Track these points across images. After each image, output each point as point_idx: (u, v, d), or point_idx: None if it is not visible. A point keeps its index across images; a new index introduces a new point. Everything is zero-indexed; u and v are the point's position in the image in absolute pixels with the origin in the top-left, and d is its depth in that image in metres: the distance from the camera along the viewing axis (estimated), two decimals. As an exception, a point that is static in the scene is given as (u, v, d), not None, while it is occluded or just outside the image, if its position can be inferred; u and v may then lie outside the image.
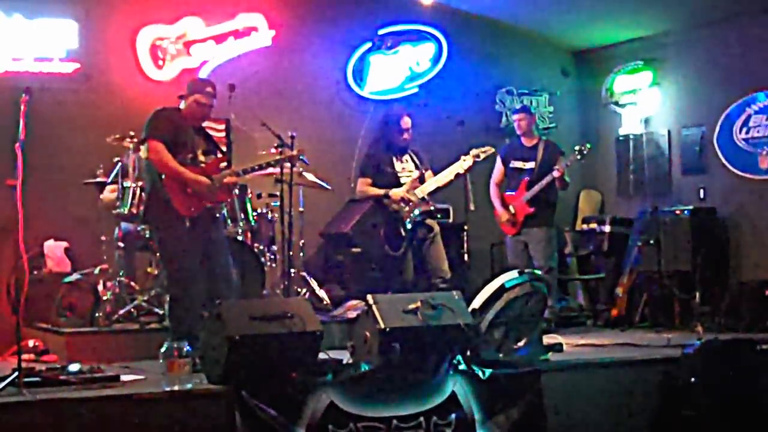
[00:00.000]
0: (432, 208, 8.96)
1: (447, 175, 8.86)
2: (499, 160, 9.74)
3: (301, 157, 8.43)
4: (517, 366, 6.80)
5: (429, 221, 8.95)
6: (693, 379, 7.09)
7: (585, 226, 11.54)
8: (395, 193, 8.84)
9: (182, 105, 7.38)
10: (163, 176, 7.13)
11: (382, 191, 8.91)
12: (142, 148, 7.34)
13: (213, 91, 7.40)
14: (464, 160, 8.81)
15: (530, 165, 9.58)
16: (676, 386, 7.16)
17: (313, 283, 9.62)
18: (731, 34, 10.87)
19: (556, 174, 9.31)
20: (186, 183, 7.12)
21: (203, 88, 7.39)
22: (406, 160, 9.03)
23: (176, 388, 6.00)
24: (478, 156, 8.83)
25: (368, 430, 6.13)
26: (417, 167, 8.99)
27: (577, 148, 9.59)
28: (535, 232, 9.44)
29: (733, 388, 7.11)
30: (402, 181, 8.93)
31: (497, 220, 9.76)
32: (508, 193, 9.68)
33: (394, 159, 9.01)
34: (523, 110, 9.83)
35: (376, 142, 9.16)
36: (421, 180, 8.91)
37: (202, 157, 7.31)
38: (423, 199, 8.84)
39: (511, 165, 9.68)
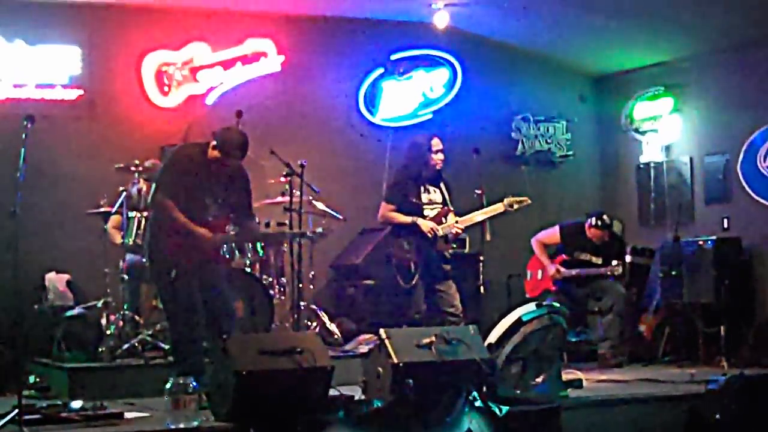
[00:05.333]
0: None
1: (484, 213, 8.65)
2: (557, 233, 9.94)
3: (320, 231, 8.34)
4: (536, 403, 6.76)
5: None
6: (718, 416, 7.03)
7: (605, 257, 11.51)
8: (425, 224, 8.51)
9: (210, 149, 7.13)
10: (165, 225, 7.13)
11: (409, 219, 8.56)
12: (151, 192, 7.28)
13: (242, 152, 7.13)
14: (502, 206, 8.66)
15: (597, 260, 9.80)
16: (700, 423, 7.10)
17: (324, 317, 9.59)
18: (754, 59, 10.87)
19: (608, 271, 9.65)
20: (188, 234, 7.08)
21: (231, 150, 7.07)
22: (435, 191, 8.72)
23: (182, 425, 5.97)
24: (511, 205, 8.75)
25: (381, 469, 6.09)
26: (444, 202, 8.68)
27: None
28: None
29: (759, 426, 7.05)
30: (425, 213, 8.63)
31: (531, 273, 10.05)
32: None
33: (422, 189, 8.68)
34: (606, 227, 9.85)
35: (406, 168, 8.77)
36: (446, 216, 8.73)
37: (211, 210, 7.22)
38: (446, 237, 8.68)
39: (575, 255, 9.83)
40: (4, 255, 6.35)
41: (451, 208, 8.65)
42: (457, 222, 8.55)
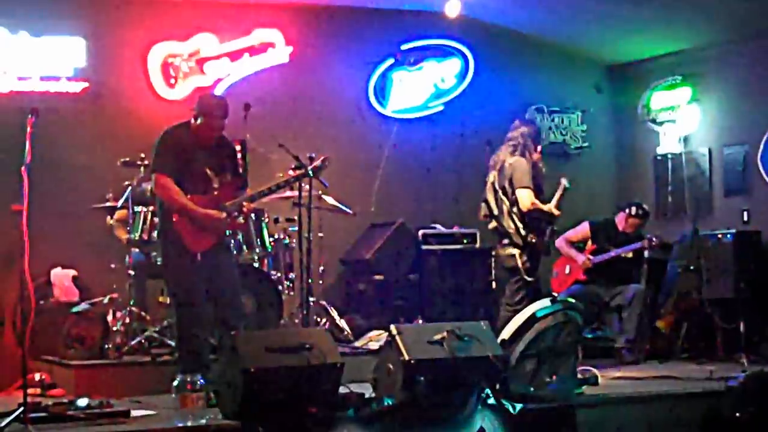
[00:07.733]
0: None
1: (559, 196, 8.67)
2: (587, 229, 10.06)
3: (321, 168, 8.24)
4: (550, 400, 6.78)
5: None
6: (738, 414, 7.04)
7: (621, 251, 11.53)
8: (556, 211, 8.54)
9: (192, 121, 7.31)
10: (173, 211, 7.15)
11: (547, 208, 8.52)
12: (150, 180, 7.35)
13: (223, 112, 7.31)
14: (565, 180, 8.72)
15: (628, 255, 9.86)
16: (719, 421, 7.11)
17: (333, 313, 9.61)
18: (775, 48, 10.86)
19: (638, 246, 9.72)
20: (197, 219, 7.15)
21: (212, 111, 7.27)
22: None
23: (189, 423, 6.01)
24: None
25: (392, 467, 6.12)
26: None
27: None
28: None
29: (780, 423, 7.06)
30: None
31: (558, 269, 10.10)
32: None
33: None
34: (645, 216, 10.07)
35: (536, 152, 8.70)
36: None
37: (215, 181, 7.28)
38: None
39: (611, 251, 9.85)
40: (12, 251, 6.38)
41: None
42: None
